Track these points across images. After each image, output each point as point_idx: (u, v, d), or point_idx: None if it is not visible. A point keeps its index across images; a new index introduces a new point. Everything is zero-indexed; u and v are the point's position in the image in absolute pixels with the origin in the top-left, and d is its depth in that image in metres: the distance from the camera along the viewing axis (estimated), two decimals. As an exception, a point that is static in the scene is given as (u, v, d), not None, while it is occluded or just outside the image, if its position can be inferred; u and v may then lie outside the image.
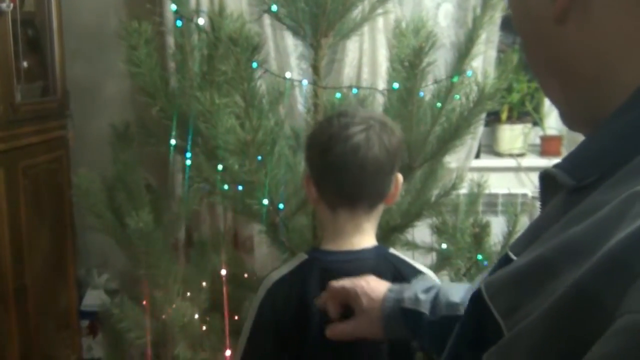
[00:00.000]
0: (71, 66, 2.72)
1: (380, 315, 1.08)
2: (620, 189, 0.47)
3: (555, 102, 0.63)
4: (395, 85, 1.69)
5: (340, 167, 1.24)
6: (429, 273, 1.32)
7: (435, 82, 1.73)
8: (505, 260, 0.59)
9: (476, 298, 0.56)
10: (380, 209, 1.33)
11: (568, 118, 0.63)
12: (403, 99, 1.69)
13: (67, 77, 2.67)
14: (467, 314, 0.61)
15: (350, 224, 1.29)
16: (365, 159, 1.22)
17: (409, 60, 1.62)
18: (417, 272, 1.28)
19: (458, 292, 1.03)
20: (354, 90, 1.87)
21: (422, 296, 1.05)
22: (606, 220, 0.46)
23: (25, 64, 2.44)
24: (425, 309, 1.04)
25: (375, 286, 1.11)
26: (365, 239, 1.30)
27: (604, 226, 0.45)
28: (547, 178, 0.59)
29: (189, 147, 1.77)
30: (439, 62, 1.72)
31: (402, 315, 1.05)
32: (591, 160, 0.54)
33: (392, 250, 1.37)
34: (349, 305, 1.15)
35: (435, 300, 1.04)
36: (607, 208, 0.47)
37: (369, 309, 1.09)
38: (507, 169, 2.82)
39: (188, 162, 1.79)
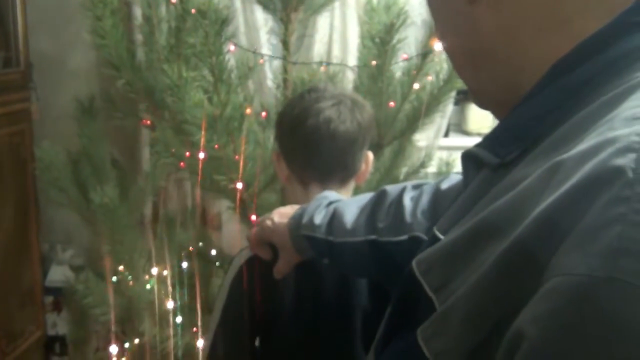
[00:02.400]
0: (35, 37, 2.65)
1: (292, 246, 1.11)
2: (541, 161, 0.48)
3: (467, 81, 0.64)
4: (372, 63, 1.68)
5: (311, 140, 1.23)
6: None
7: (406, 59, 1.73)
8: (432, 239, 0.60)
9: (408, 276, 0.57)
10: (351, 186, 1.33)
11: (478, 97, 0.64)
12: (373, 76, 1.69)
13: (31, 48, 2.61)
14: (399, 293, 0.62)
15: None
16: (336, 131, 1.22)
17: (380, 37, 1.61)
18: None
19: (351, 213, 1.04)
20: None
21: (317, 220, 1.06)
22: (530, 189, 0.47)
23: (-14, 34, 2.37)
24: (321, 233, 1.05)
25: (279, 222, 1.14)
26: None
27: (528, 195, 0.46)
28: (469, 158, 0.61)
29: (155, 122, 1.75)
30: (410, 39, 1.71)
31: (306, 241, 1.07)
32: (512, 137, 0.55)
33: None
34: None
35: (331, 223, 1.05)
36: (530, 179, 0.48)
37: (282, 243, 1.13)
38: (476, 148, 2.83)
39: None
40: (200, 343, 1.67)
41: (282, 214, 1.14)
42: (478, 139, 0.61)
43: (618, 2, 0.52)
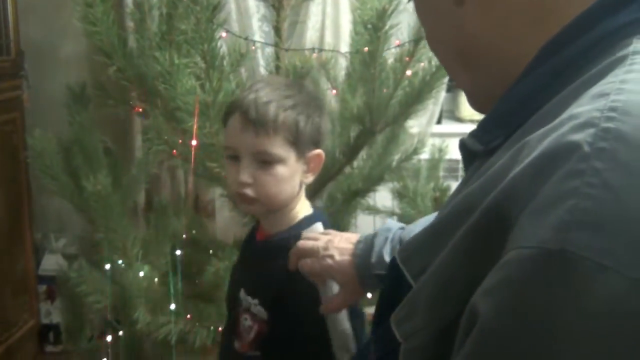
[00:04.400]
0: (25, 25, 2.63)
1: (358, 286, 1.06)
2: (517, 143, 0.49)
3: (461, 85, 0.64)
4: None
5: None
6: None
7: (398, 45, 1.72)
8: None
9: (393, 264, 0.58)
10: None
11: (474, 100, 0.64)
12: (366, 62, 1.68)
13: (21, 36, 2.59)
14: (386, 281, 0.62)
15: None
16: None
17: (372, 23, 1.61)
18: None
19: None
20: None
21: (387, 257, 1.04)
22: (500, 170, 0.48)
23: (-24, 21, 2.35)
24: None
25: (341, 260, 1.07)
26: None
27: (498, 176, 0.47)
28: (461, 147, 0.61)
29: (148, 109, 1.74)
30: (402, 25, 1.70)
31: (378, 282, 1.02)
32: (496, 124, 0.55)
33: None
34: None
35: None
36: (501, 160, 0.49)
37: (345, 281, 1.06)
38: (468, 135, 2.84)
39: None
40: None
41: (342, 251, 1.07)
42: (471, 126, 0.62)
43: None
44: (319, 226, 1.22)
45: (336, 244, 1.07)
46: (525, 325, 0.39)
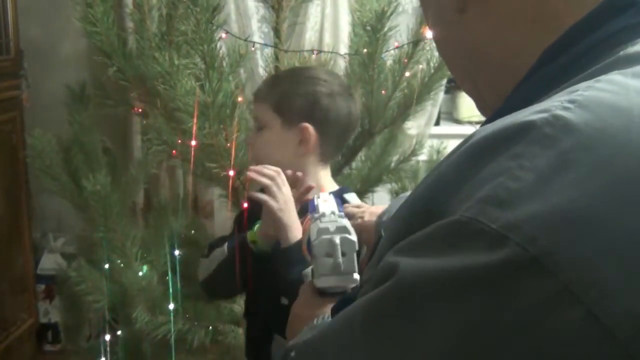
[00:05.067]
0: (25, 24, 2.64)
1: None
2: None
3: (468, 91, 0.66)
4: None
5: (351, 129, 1.42)
6: None
7: (397, 47, 1.73)
8: None
9: (377, 240, 0.61)
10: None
11: (482, 106, 0.65)
12: (365, 64, 1.69)
13: (21, 35, 2.59)
14: (375, 255, 0.64)
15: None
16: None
17: (371, 25, 1.61)
18: None
19: None
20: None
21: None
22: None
23: (-24, 21, 2.35)
24: None
25: (368, 221, 1.14)
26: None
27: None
28: None
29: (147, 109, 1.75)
30: (401, 27, 1.71)
31: None
32: None
33: (354, 196, 1.42)
34: None
35: None
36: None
37: (368, 240, 1.12)
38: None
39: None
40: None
41: (372, 214, 1.14)
42: (469, 127, 0.62)
43: None
44: (352, 196, 1.39)
45: (372, 209, 1.16)
46: (432, 287, 0.41)
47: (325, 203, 0.93)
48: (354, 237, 0.82)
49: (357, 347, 0.45)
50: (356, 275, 0.82)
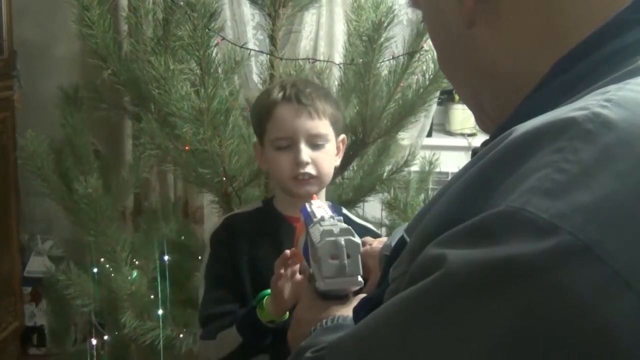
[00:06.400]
0: (19, 25, 2.62)
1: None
2: None
3: (471, 107, 0.66)
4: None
5: None
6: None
7: (393, 57, 1.74)
8: None
9: (399, 243, 0.61)
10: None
11: (483, 122, 0.66)
12: (360, 74, 1.69)
13: (15, 36, 2.58)
14: (389, 260, 0.64)
15: None
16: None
17: (368, 35, 1.62)
18: (367, 231, 1.35)
19: None
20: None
21: (393, 243, 1.05)
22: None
23: (-31, 20, 2.34)
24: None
25: (375, 247, 1.10)
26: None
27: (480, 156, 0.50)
28: (473, 156, 0.63)
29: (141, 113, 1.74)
30: (397, 38, 1.72)
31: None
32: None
33: (344, 210, 1.43)
34: None
35: None
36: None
37: (373, 266, 1.07)
38: (458, 148, 2.85)
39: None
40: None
41: (380, 242, 1.12)
42: (460, 139, 0.62)
43: (614, 9, 0.53)
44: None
45: (379, 239, 1.14)
46: (483, 277, 0.42)
47: (320, 209, 0.93)
48: (357, 239, 0.82)
49: (411, 343, 0.45)
50: (360, 278, 0.81)
